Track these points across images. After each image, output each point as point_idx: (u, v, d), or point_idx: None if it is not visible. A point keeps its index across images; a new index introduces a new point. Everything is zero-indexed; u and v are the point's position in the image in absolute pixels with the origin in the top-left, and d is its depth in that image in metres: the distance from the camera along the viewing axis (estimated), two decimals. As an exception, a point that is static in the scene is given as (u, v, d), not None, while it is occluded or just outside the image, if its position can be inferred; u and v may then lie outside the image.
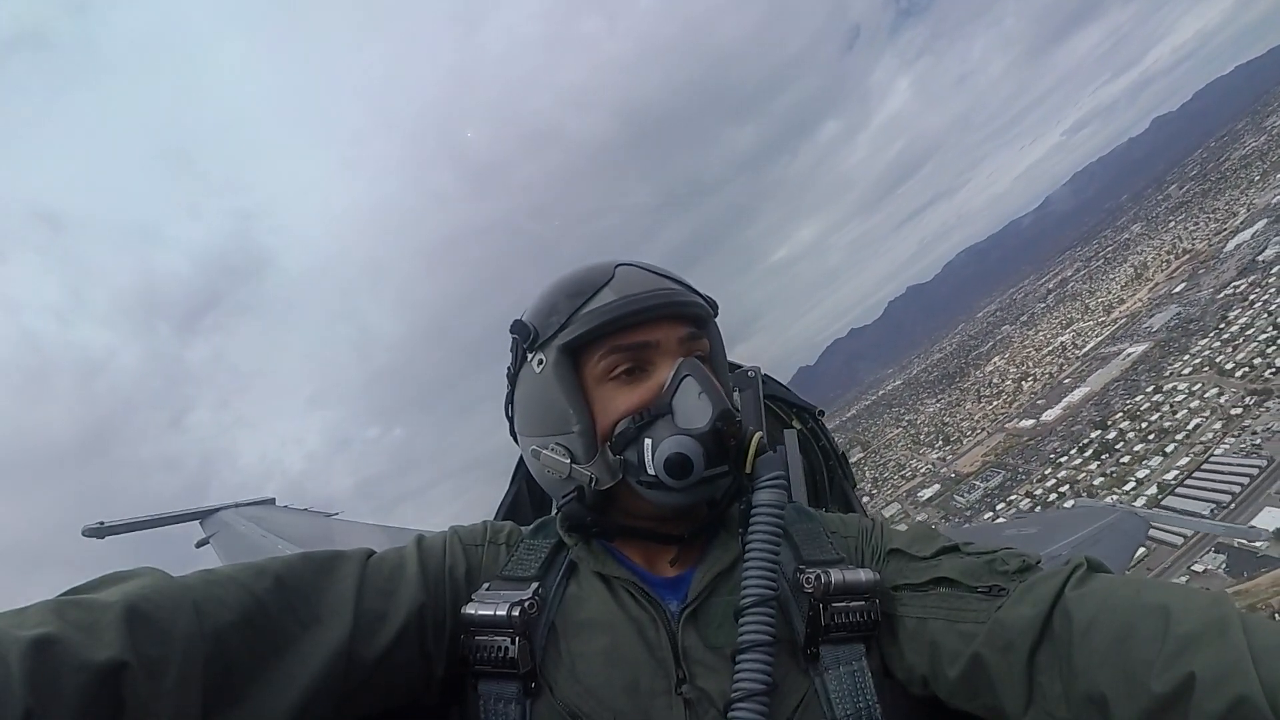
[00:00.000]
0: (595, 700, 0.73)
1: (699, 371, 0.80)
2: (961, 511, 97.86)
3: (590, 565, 0.84)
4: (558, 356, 0.82)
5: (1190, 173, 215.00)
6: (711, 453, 0.77)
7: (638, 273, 0.86)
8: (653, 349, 0.83)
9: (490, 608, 0.76)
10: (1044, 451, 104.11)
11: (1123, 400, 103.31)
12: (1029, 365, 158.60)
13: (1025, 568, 0.72)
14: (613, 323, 0.81)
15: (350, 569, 0.74)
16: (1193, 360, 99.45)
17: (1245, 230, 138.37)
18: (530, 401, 0.86)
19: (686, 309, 0.86)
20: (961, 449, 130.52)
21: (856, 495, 1.51)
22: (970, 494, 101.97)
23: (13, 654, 0.48)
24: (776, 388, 1.49)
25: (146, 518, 2.87)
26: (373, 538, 1.90)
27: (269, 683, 0.62)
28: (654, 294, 0.84)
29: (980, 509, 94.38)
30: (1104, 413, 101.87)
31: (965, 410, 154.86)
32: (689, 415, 0.78)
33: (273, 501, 3.36)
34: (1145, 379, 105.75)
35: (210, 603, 0.61)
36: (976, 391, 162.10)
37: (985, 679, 0.68)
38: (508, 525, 0.92)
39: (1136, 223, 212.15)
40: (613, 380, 0.82)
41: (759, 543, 0.75)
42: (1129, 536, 2.73)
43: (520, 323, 0.87)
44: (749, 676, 0.69)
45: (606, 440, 0.82)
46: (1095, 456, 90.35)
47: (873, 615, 0.77)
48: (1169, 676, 0.53)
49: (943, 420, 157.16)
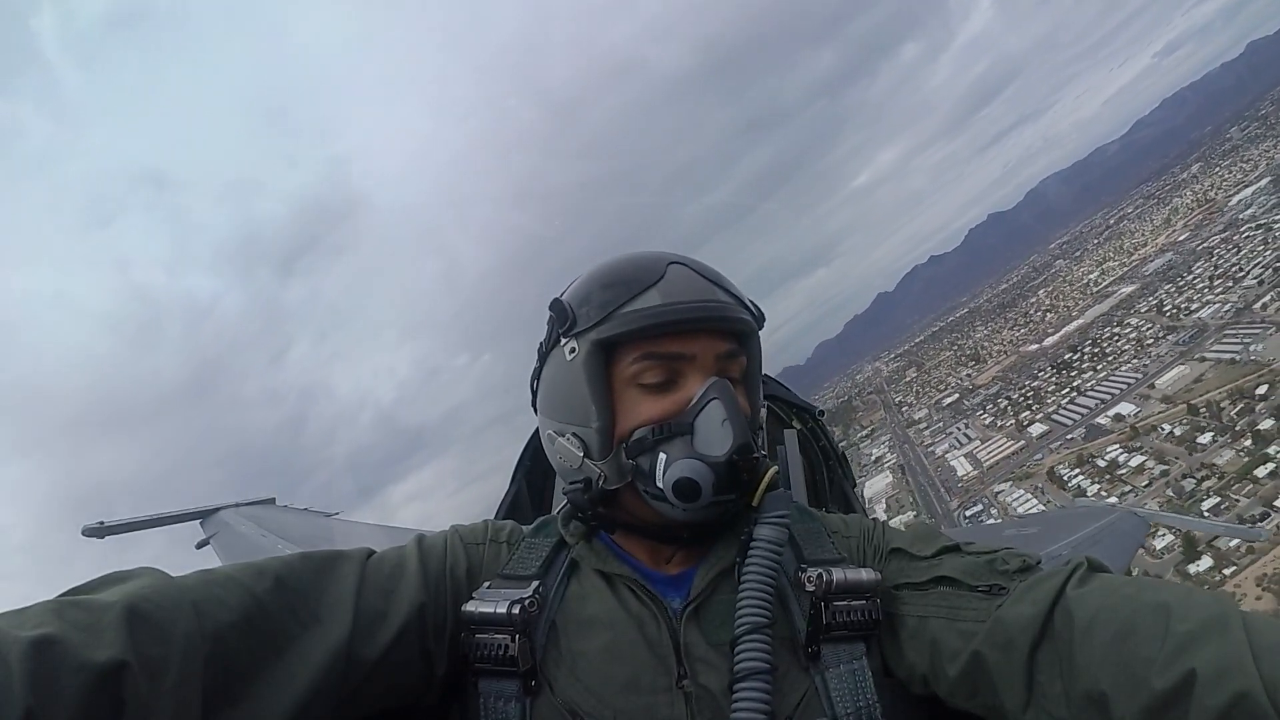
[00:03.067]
0: (595, 698, 0.73)
1: (727, 395, 0.79)
2: (960, 408, 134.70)
3: (592, 563, 0.83)
4: (590, 349, 0.80)
5: (1260, 111, 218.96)
6: (723, 482, 0.76)
7: (689, 276, 0.84)
8: (687, 362, 0.81)
9: (491, 605, 0.76)
10: (1032, 369, 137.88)
11: (1099, 331, 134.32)
12: (1058, 299, 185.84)
13: (1026, 567, 0.73)
14: (652, 329, 0.79)
15: (350, 568, 0.74)
16: (1153, 302, 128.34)
17: (1250, 186, 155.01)
18: (556, 386, 0.85)
19: (730, 324, 0.84)
20: (985, 368, 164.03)
21: (856, 495, 1.50)
22: (974, 399, 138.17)
23: (13, 654, 0.48)
24: (777, 388, 1.48)
25: (146, 518, 2.88)
26: (373, 537, 1.82)
27: (269, 682, 0.62)
28: (699, 305, 0.81)
29: (978, 409, 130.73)
30: (1081, 341, 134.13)
31: (1001, 336, 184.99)
32: (708, 441, 0.77)
33: (273, 501, 3.40)
34: (1119, 315, 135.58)
35: (210, 603, 0.61)
36: (1014, 320, 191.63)
37: (985, 677, 0.68)
38: (509, 524, 0.91)
39: (1198, 162, 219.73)
40: (640, 386, 0.81)
41: (753, 577, 0.75)
42: (1129, 536, 2.74)
43: (560, 303, 0.84)
44: (748, 704, 0.69)
45: (623, 443, 0.81)
46: (1057, 372, 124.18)
47: (873, 614, 0.77)
48: (1170, 673, 0.53)
49: (981, 344, 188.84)
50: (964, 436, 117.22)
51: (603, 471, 0.81)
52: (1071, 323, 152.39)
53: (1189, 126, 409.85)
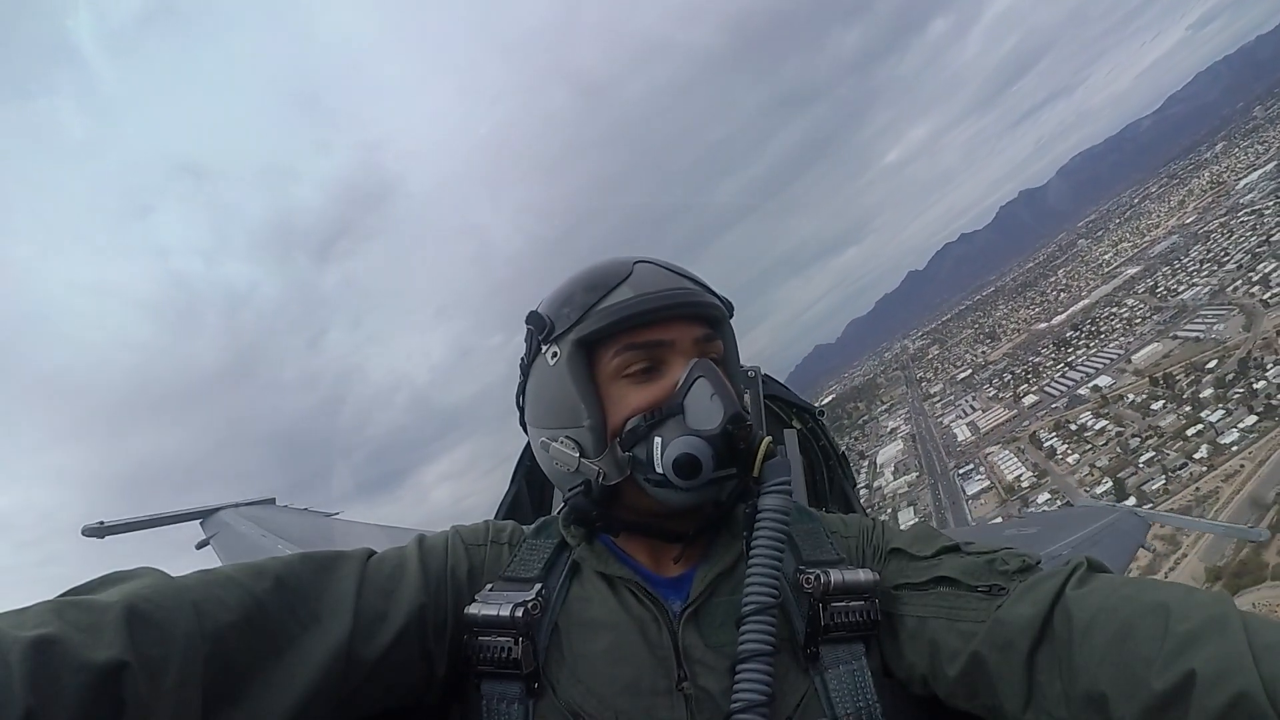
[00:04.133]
0: (597, 699, 0.73)
1: (712, 373, 0.80)
2: (971, 383, 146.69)
3: (593, 565, 0.84)
4: (572, 350, 0.82)
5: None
6: (721, 455, 0.77)
7: (656, 271, 0.86)
8: (667, 348, 0.83)
9: (493, 608, 0.76)
10: (1037, 346, 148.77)
11: (1100, 311, 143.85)
12: (1074, 279, 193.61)
13: (1025, 567, 0.73)
14: (628, 320, 0.81)
15: (350, 569, 0.74)
16: (1149, 284, 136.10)
17: (1258, 170, 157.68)
18: (542, 393, 0.86)
19: (702, 309, 0.86)
20: (998, 345, 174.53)
21: (856, 495, 1.49)
22: (984, 374, 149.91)
23: (13, 654, 0.48)
24: (776, 387, 1.48)
25: (146, 518, 2.84)
26: (373, 538, 1.81)
27: (269, 683, 0.62)
28: (671, 293, 0.84)
29: (985, 384, 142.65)
30: (1083, 320, 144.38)
31: (1017, 315, 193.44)
32: (700, 416, 0.78)
33: (273, 501, 3.35)
34: (1119, 296, 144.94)
35: (210, 603, 0.61)
36: (1032, 299, 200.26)
37: (985, 678, 0.68)
38: (510, 525, 0.92)
39: (1224, 141, 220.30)
40: (625, 377, 0.83)
41: (763, 548, 0.75)
42: (1129, 536, 2.72)
43: (536, 314, 0.86)
44: (749, 687, 0.69)
45: (616, 436, 0.82)
46: (1057, 349, 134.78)
47: (872, 615, 0.77)
48: (1169, 674, 0.53)
49: (999, 323, 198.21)
50: (969, 408, 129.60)
51: (601, 469, 0.82)
52: (1078, 303, 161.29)
53: (1221, 102, 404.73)
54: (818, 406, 1.51)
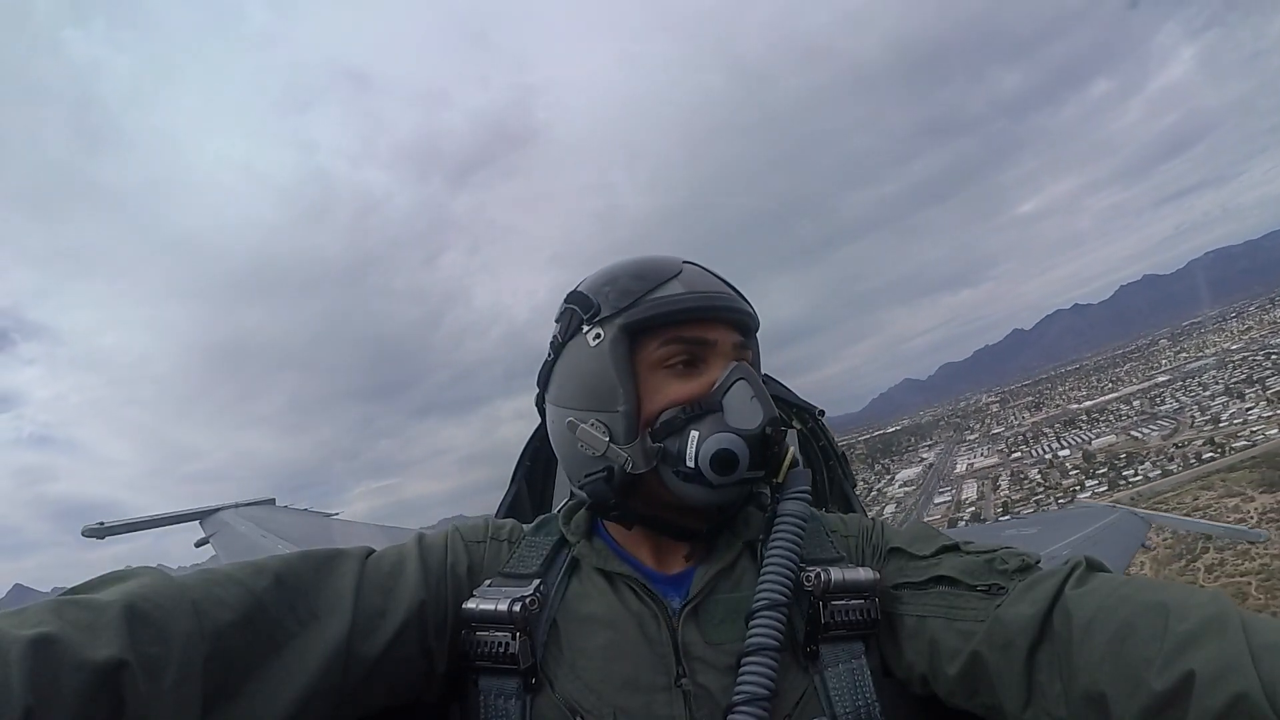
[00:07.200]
0: (595, 695, 0.73)
1: (752, 376, 0.82)
2: (997, 438, 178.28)
3: (593, 561, 0.84)
4: (618, 334, 0.82)
5: None
6: (755, 455, 0.78)
7: (703, 273, 0.88)
8: (709, 347, 0.84)
9: (491, 603, 0.76)
10: (1055, 422, 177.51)
11: (1115, 407, 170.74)
12: (1129, 374, 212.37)
13: (1025, 567, 0.73)
14: (680, 313, 0.82)
15: (350, 566, 0.74)
16: (1161, 394, 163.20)
17: None
18: (578, 374, 0.85)
19: (744, 318, 0.87)
20: (1036, 414, 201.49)
21: (856, 495, 1.51)
22: (1011, 432, 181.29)
23: (13, 653, 0.48)
24: (777, 388, 1.47)
25: (146, 518, 2.87)
26: (373, 537, 1.82)
27: (268, 680, 0.62)
28: (721, 295, 0.86)
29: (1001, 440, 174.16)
30: (1095, 410, 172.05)
31: (1071, 393, 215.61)
32: (740, 416, 0.79)
33: (273, 502, 3.38)
34: (1134, 396, 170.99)
35: (209, 601, 0.61)
36: (1090, 383, 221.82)
37: (984, 677, 0.68)
38: (509, 522, 0.92)
39: None
40: (666, 368, 0.83)
41: (781, 548, 0.77)
42: (1129, 536, 2.74)
43: (580, 294, 0.87)
44: (752, 680, 0.70)
45: (649, 426, 0.82)
46: (1064, 427, 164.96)
47: (872, 614, 0.78)
48: (1169, 674, 0.54)
49: (1051, 395, 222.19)
50: (980, 454, 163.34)
51: (629, 456, 0.81)
52: (1109, 394, 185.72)
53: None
54: (818, 407, 1.51)
